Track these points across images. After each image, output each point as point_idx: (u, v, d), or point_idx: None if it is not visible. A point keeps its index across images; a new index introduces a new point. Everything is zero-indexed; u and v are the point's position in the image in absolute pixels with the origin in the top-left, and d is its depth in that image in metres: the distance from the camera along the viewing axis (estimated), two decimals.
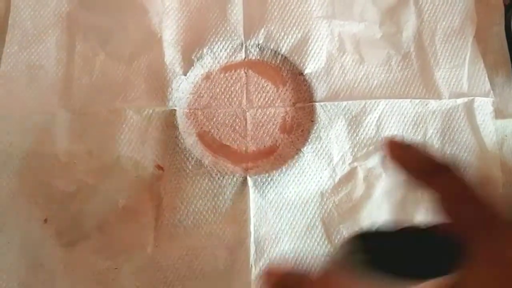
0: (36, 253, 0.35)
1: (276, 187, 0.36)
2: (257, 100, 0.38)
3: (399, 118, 0.38)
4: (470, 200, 0.19)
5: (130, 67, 0.38)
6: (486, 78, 0.39)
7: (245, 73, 0.39)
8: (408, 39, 0.40)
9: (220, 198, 0.36)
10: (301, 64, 0.38)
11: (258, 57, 0.39)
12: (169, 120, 0.37)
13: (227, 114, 0.38)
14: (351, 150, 0.37)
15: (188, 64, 0.38)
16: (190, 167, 0.36)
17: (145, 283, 0.35)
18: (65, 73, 0.38)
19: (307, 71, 0.38)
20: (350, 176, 0.37)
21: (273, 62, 0.39)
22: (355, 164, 0.37)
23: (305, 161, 0.37)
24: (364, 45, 0.39)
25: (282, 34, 0.38)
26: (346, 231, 0.36)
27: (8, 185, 0.36)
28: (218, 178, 0.36)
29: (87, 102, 0.38)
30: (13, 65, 0.38)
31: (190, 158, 0.37)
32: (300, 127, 0.38)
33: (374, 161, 0.37)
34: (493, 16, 0.41)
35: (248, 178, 0.36)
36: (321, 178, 0.37)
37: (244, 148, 0.37)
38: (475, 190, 0.19)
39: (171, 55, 0.38)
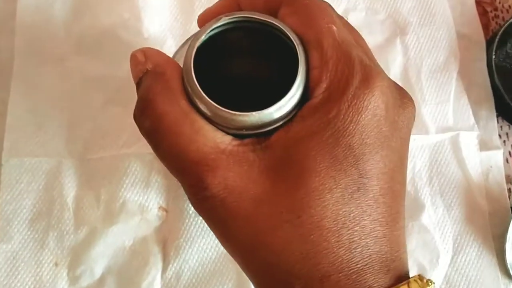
0: None
1: None
2: None
3: None
4: None
5: (130, 112, 0.41)
6: (470, 113, 0.43)
7: None
8: (395, 77, 0.44)
9: None
10: None
11: None
12: None
13: None
14: None
15: None
16: (192, 208, 0.39)
17: None
18: (69, 119, 0.42)
19: None
20: None
21: None
22: None
23: None
24: None
25: None
26: None
27: (19, 231, 0.39)
28: None
29: (91, 148, 0.41)
30: (19, 114, 0.41)
31: None
32: None
33: None
34: (475, 52, 0.45)
35: None
36: None
37: None
38: None
39: None
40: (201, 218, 0.39)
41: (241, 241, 0.22)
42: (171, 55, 0.42)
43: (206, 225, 0.40)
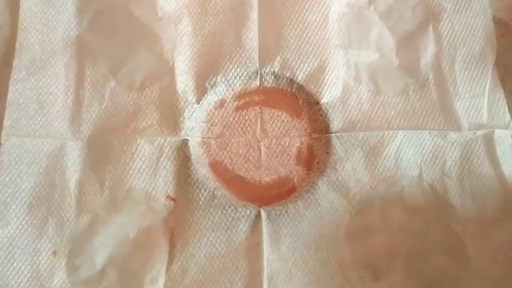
0: (45, 286, 0.36)
1: (290, 220, 0.38)
2: (271, 129, 0.40)
3: (417, 149, 0.39)
4: None
5: (141, 95, 0.40)
6: (506, 109, 0.41)
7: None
8: (426, 66, 0.42)
9: (233, 231, 0.38)
10: (317, 93, 0.40)
11: (274, 85, 0.40)
12: (182, 150, 0.39)
13: (240, 143, 0.40)
14: (369, 182, 0.38)
15: (201, 92, 0.40)
16: (202, 198, 0.38)
17: None
18: (75, 99, 0.40)
19: (323, 100, 0.40)
20: (367, 208, 0.39)
21: (289, 90, 0.40)
22: (373, 196, 0.38)
23: (320, 193, 0.38)
24: (380, 75, 0.41)
25: (298, 62, 0.40)
26: (361, 264, 0.37)
27: (17, 216, 0.37)
28: (231, 211, 0.38)
29: (98, 130, 0.39)
30: (21, 91, 0.40)
31: (202, 190, 0.38)
32: (315, 158, 0.39)
33: (392, 193, 0.38)
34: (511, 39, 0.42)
35: (262, 210, 0.38)
36: (336, 211, 0.38)
37: (258, 179, 0.39)
38: None
39: (184, 82, 0.40)
40: (212, 209, 0.38)
41: None
42: (186, 35, 0.41)
43: (216, 218, 0.38)
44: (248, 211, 0.38)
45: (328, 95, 0.40)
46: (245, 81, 0.40)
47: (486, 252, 0.38)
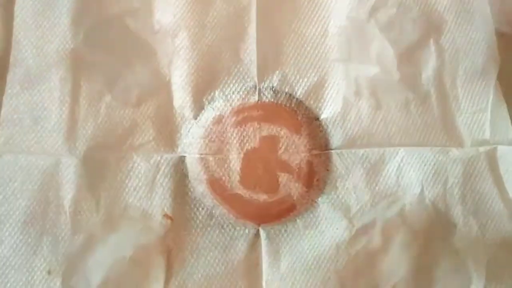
0: None
1: (289, 239, 0.37)
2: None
3: (419, 166, 0.39)
4: None
5: (137, 111, 0.39)
6: (509, 124, 0.41)
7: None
8: (427, 80, 0.41)
9: (232, 250, 0.37)
10: (317, 109, 0.39)
11: (272, 100, 0.40)
12: (179, 167, 0.38)
13: (239, 160, 0.39)
14: (370, 200, 0.38)
15: (198, 107, 0.39)
16: (200, 217, 0.37)
17: None
18: (70, 114, 0.40)
19: (323, 116, 0.39)
20: (367, 227, 0.38)
21: (288, 105, 0.40)
22: (374, 215, 0.38)
23: (320, 212, 0.38)
24: (381, 89, 0.41)
25: (298, 77, 0.40)
26: (362, 285, 0.37)
27: (11, 234, 0.37)
28: (230, 230, 0.37)
29: (93, 146, 0.39)
30: (15, 107, 0.39)
31: (200, 208, 0.38)
32: (315, 175, 0.39)
33: (393, 211, 0.38)
34: None
35: (261, 230, 0.37)
36: (337, 229, 0.38)
37: (256, 198, 0.38)
38: None
39: (181, 98, 0.39)
40: (210, 228, 0.37)
41: None
42: (183, 49, 0.40)
43: (214, 237, 0.38)
44: (246, 230, 0.37)
45: (328, 111, 0.39)
46: (243, 96, 0.40)
47: (490, 271, 0.37)
